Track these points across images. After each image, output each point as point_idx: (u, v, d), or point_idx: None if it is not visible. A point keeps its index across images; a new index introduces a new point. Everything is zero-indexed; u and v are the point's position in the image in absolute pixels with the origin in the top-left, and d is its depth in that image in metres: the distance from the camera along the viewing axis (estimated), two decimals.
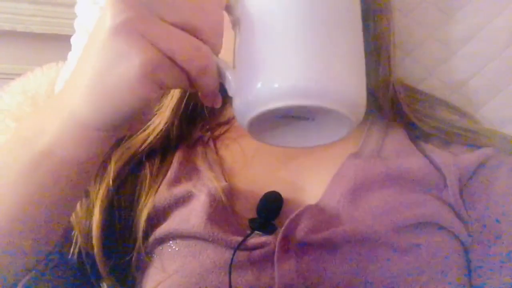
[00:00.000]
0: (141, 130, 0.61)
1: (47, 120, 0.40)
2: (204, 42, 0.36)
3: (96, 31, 0.36)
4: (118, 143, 0.61)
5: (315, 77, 0.35)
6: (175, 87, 0.38)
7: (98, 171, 0.58)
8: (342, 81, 0.36)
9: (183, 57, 0.35)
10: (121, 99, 0.35)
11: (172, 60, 0.35)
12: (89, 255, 0.56)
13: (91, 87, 0.36)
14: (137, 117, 0.38)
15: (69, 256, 0.55)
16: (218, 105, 0.42)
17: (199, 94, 0.41)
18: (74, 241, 0.56)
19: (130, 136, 0.61)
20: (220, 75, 0.38)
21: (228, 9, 0.40)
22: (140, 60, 0.34)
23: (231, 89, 0.39)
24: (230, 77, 0.38)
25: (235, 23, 0.40)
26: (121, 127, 0.39)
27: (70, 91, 0.39)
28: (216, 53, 0.38)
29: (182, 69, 0.36)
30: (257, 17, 0.38)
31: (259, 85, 0.36)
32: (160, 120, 0.61)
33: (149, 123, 0.62)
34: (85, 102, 0.37)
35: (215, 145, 0.63)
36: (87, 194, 0.58)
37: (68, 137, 0.39)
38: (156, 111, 0.63)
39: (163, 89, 0.36)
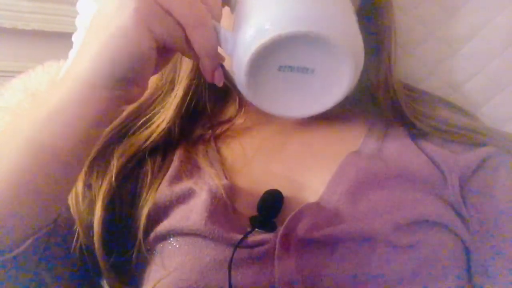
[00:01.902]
0: (144, 128, 0.62)
1: (48, 96, 0.42)
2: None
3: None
4: (121, 139, 0.61)
5: (304, 7, 0.37)
6: (171, 42, 0.39)
7: (101, 166, 0.59)
8: (331, 10, 0.38)
9: (179, 10, 0.37)
10: (118, 47, 0.38)
11: (168, 12, 0.37)
12: (90, 251, 0.56)
13: (94, 44, 0.39)
14: (134, 72, 0.39)
15: (71, 251, 0.55)
16: (219, 81, 0.42)
17: (200, 64, 0.41)
18: (75, 236, 0.56)
19: (133, 133, 0.61)
20: (218, 37, 0.39)
21: (225, 0, 0.42)
22: (134, 6, 0.37)
23: (229, 48, 0.40)
24: (227, 37, 0.39)
25: (233, 8, 0.42)
26: (120, 84, 0.40)
27: (75, 62, 0.41)
28: (215, 19, 0.39)
29: (177, 23, 0.38)
30: None
31: (251, 31, 0.38)
32: (164, 118, 0.62)
33: (152, 121, 0.62)
34: (88, 59, 0.40)
35: (216, 143, 0.63)
36: (89, 189, 0.58)
37: (70, 102, 0.41)
38: (160, 109, 0.63)
39: (159, 41, 0.38)
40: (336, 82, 0.40)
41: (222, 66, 0.42)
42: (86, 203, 0.57)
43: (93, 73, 0.39)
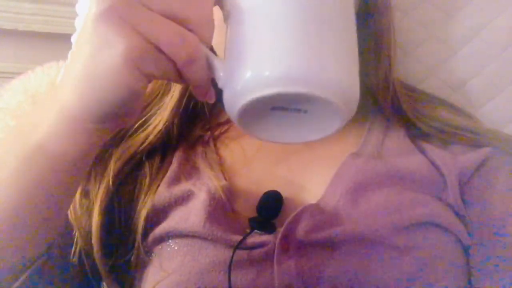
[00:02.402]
0: (141, 130, 0.61)
1: (42, 114, 0.41)
2: (193, 33, 0.36)
3: (84, 21, 0.36)
4: (118, 142, 0.61)
5: (305, 65, 0.35)
6: (162, 77, 0.37)
7: (98, 171, 0.58)
8: (332, 69, 0.36)
9: (168, 45, 0.35)
10: (106, 87, 0.35)
11: (158, 48, 0.35)
12: (89, 255, 0.56)
13: (78, 77, 0.36)
14: (124, 108, 0.37)
15: (71, 256, 0.55)
16: (211, 99, 0.41)
17: (190, 87, 0.40)
18: (75, 241, 0.55)
19: (130, 136, 0.61)
20: (210, 66, 0.38)
21: (220, 3, 0.39)
22: (123, 47, 0.34)
23: (221, 81, 0.38)
24: (219, 68, 0.38)
25: (227, 17, 0.40)
26: (109, 119, 0.38)
27: (62, 85, 0.39)
28: (207, 45, 0.37)
29: (168, 58, 0.35)
30: (248, 8, 0.37)
31: (248, 74, 0.36)
32: (160, 119, 0.61)
33: (149, 123, 0.62)
34: (73, 93, 0.37)
35: (215, 144, 0.63)
36: (87, 194, 0.58)
37: (60, 130, 0.39)
38: (156, 110, 0.63)
39: (149, 78, 0.36)
40: (327, 123, 0.39)
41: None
42: (84, 208, 0.57)
43: (80, 109, 0.37)
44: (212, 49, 0.39)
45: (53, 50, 1.01)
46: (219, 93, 0.40)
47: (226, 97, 0.38)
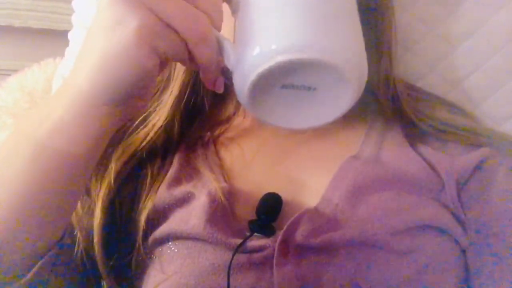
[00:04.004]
0: (141, 127, 0.61)
1: (50, 109, 0.41)
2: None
3: (98, 7, 0.37)
4: (119, 141, 0.60)
5: (311, 33, 0.36)
6: (174, 56, 0.38)
7: (99, 170, 0.58)
8: (338, 37, 0.37)
9: (181, 24, 0.36)
10: (119, 66, 0.36)
11: (170, 27, 0.36)
12: (90, 255, 0.56)
13: (92, 58, 0.38)
14: (137, 88, 0.38)
15: (74, 256, 0.55)
16: (219, 88, 0.42)
17: (200, 73, 0.41)
18: (76, 241, 0.55)
19: (130, 134, 0.61)
20: (220, 49, 0.39)
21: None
22: (136, 24, 0.35)
23: (230, 62, 0.39)
24: (229, 50, 0.39)
25: (235, 10, 0.41)
26: (122, 101, 0.39)
27: (74, 70, 0.40)
28: (216, 28, 0.38)
29: (180, 38, 0.36)
30: None
31: (256, 50, 0.37)
32: (160, 116, 0.61)
33: (148, 120, 0.61)
34: (87, 75, 0.38)
35: (215, 146, 0.62)
36: (88, 193, 0.58)
37: (71, 118, 0.40)
38: (156, 107, 0.62)
39: (161, 57, 0.37)
40: (337, 101, 0.39)
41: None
42: (86, 208, 0.57)
43: (93, 91, 0.39)
44: None
45: (49, 47, 1.01)
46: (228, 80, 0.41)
47: (236, 78, 0.39)
